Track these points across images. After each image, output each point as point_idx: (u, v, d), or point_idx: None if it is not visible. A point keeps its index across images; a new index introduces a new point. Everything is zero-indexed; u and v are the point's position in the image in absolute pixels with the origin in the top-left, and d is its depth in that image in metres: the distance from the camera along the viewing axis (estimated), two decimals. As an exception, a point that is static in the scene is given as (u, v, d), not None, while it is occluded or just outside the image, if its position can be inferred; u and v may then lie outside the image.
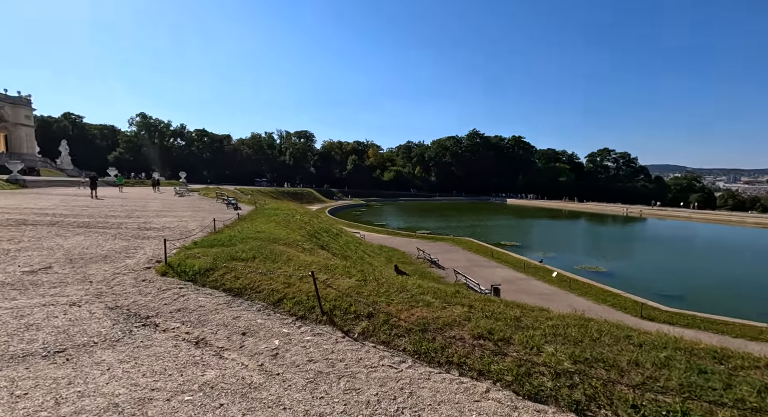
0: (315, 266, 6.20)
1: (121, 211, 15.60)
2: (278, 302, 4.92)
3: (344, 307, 4.51)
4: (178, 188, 33.85)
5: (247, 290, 5.34)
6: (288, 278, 5.50)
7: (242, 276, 5.71)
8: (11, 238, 8.27)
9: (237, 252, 6.90)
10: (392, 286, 5.15)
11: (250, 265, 6.20)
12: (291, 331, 4.16)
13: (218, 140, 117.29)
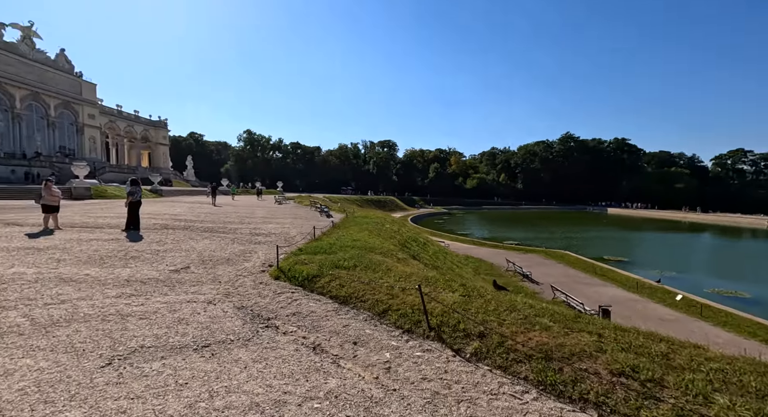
0: (415, 278, 6.16)
1: (234, 217, 17.71)
2: (383, 313, 4.97)
3: (451, 323, 4.35)
4: (278, 196, 37.32)
5: (353, 299, 5.51)
6: (390, 289, 5.55)
7: (346, 284, 5.93)
8: (159, 241, 9.89)
9: (339, 260, 7.23)
10: (500, 303, 4.84)
11: (352, 273, 6.42)
12: (400, 345, 4.14)
13: (310, 152, 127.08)
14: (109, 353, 3.50)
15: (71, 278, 5.97)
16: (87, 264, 6.96)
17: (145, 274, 6.55)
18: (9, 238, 8.99)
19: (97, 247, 8.49)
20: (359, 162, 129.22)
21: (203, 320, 4.54)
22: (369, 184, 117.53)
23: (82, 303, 4.86)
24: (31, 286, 5.44)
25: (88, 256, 7.54)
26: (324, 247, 8.73)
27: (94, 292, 5.36)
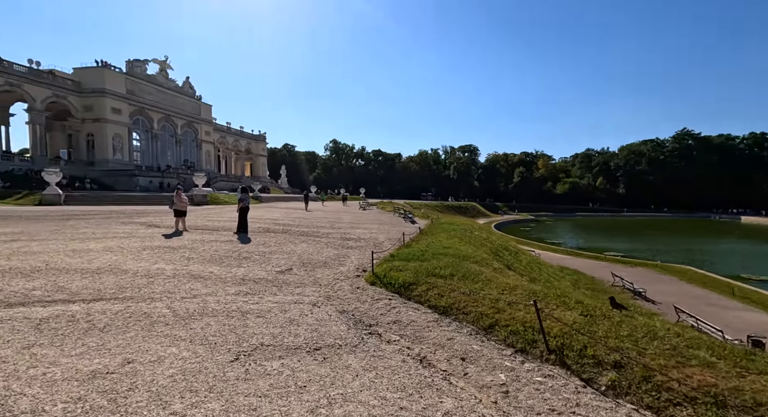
0: (521, 291, 5.65)
1: (325, 222, 18.72)
2: (490, 328, 4.60)
3: (576, 347, 3.81)
4: (362, 202, 38.68)
5: (453, 310, 5.24)
6: (495, 303, 5.14)
7: (445, 294, 5.68)
8: (264, 243, 10.82)
9: (434, 268, 7.02)
10: (635, 328, 4.12)
11: (450, 283, 6.15)
12: (515, 366, 3.74)
13: (390, 159, 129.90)
14: (236, 348, 3.77)
15: (199, 275, 6.75)
16: (210, 263, 7.86)
17: (257, 274, 7.13)
18: (151, 238, 10.66)
19: (216, 247, 9.58)
20: (439, 167, 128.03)
21: (311, 322, 4.70)
22: (449, 190, 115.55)
23: (210, 298, 5.41)
24: (170, 280, 6.27)
25: (210, 256, 8.52)
26: (416, 254, 8.61)
27: (217, 289, 5.96)
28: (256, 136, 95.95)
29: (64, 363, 3.23)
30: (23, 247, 8.43)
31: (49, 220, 14.49)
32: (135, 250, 8.63)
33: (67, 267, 6.67)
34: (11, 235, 10.24)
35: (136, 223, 14.90)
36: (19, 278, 5.77)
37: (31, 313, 4.36)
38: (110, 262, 7.25)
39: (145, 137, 61.99)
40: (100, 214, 18.55)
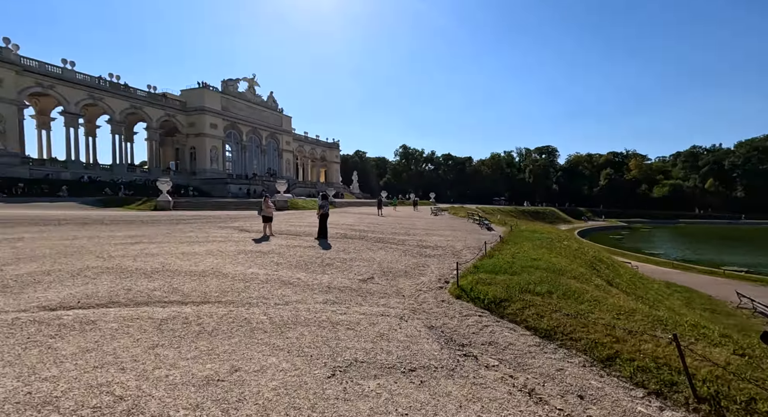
0: (640, 317, 4.84)
1: (399, 228, 18.70)
2: (608, 361, 3.96)
3: (739, 398, 3.05)
4: (433, 208, 38.14)
5: (558, 334, 4.65)
6: (610, 329, 4.45)
7: (546, 315, 5.09)
8: (344, 249, 11.05)
9: (527, 283, 6.42)
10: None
11: (548, 301, 5.53)
12: (653, 414, 3.11)
13: (461, 162, 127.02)
14: (331, 363, 3.72)
15: (288, 281, 7.03)
16: (296, 268, 8.18)
17: (341, 282, 7.20)
18: (244, 243, 11.54)
19: (301, 253, 10.00)
20: (513, 171, 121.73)
21: (401, 338, 4.51)
22: (524, 194, 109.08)
23: (300, 307, 5.54)
24: (264, 286, 6.61)
25: (296, 261, 8.89)
26: (503, 266, 8.01)
27: (306, 297, 6.11)
28: (330, 144, 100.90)
29: (182, 366, 3.44)
30: (144, 249, 9.65)
31: (162, 224, 16.58)
32: (232, 254, 9.36)
33: (178, 269, 7.42)
34: (135, 237, 11.85)
35: (230, 227, 16.36)
36: (143, 279, 6.54)
37: (154, 313, 4.84)
38: (212, 266, 7.91)
39: (235, 148, 68.81)
40: (201, 218, 20.81)
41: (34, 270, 6.85)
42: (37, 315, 4.57)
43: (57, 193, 38.66)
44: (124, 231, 13.56)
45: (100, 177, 48.00)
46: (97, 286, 5.92)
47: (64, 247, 9.50)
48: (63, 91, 46.19)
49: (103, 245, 10.12)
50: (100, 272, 6.87)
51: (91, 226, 15.03)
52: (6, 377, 3.06)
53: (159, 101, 57.51)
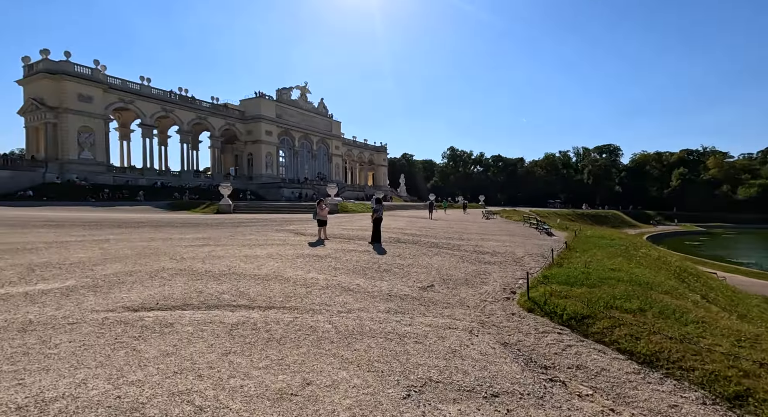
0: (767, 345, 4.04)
1: (452, 232, 18.15)
2: (737, 399, 3.30)
3: None
4: (485, 211, 36.86)
5: (662, 361, 4.02)
6: (733, 360, 3.74)
7: (642, 337, 4.45)
8: (399, 255, 10.84)
9: (611, 298, 5.73)
10: None
11: (642, 320, 4.85)
12: (813, 476, 2.48)
13: (512, 164, 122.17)
14: (404, 381, 3.47)
15: (348, 288, 6.93)
16: (355, 274, 8.09)
17: (401, 290, 6.97)
18: (301, 246, 11.76)
19: (357, 258, 9.93)
20: (569, 171, 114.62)
21: (476, 356, 4.15)
22: (582, 196, 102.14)
23: (363, 315, 5.38)
24: (324, 292, 6.56)
25: (353, 267, 8.82)
26: (577, 277, 7.30)
27: (368, 305, 5.94)
28: (377, 148, 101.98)
29: (255, 376, 3.39)
30: (212, 251, 10.14)
31: (225, 227, 17.53)
32: (291, 258, 9.53)
33: (243, 272, 7.64)
34: (202, 240, 12.56)
35: (286, 230, 16.88)
36: (213, 281, 6.78)
37: (224, 317, 4.93)
38: (274, 269, 8.06)
39: (288, 154, 71.87)
40: (259, 221, 21.78)
41: (119, 270, 7.40)
42: (122, 315, 4.83)
43: (135, 198, 42.81)
44: (192, 233, 14.48)
45: (170, 182, 52.46)
46: (172, 288, 6.21)
47: (143, 249, 10.26)
48: (141, 105, 51.23)
49: (175, 247, 10.80)
50: (174, 274, 7.26)
51: (164, 228, 16.26)
52: (99, 379, 3.17)
53: (221, 111, 61.77)
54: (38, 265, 7.73)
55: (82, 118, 44.75)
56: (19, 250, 9.50)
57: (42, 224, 15.91)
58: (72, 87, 43.90)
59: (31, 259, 8.28)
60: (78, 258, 8.62)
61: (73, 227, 15.26)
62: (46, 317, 4.66)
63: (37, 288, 5.99)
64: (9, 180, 38.20)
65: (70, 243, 10.97)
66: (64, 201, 36.37)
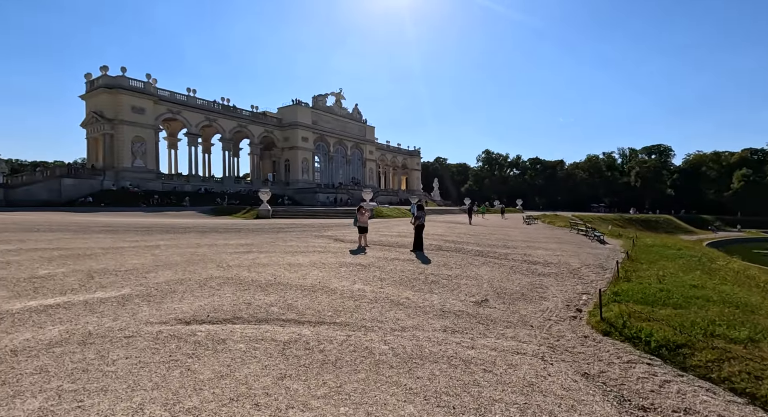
0: None
1: (495, 240, 17.35)
2: None
3: None
4: (525, 216, 35.32)
5: (795, 410, 3.30)
6: None
7: (764, 376, 3.72)
8: (444, 264, 10.35)
9: (707, 323, 4.96)
10: None
11: (758, 353, 4.09)
12: None
13: (551, 166, 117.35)
14: (483, 422, 3.03)
15: (397, 301, 6.56)
16: (401, 285, 7.71)
17: (453, 305, 6.50)
18: (342, 254, 11.56)
19: (402, 267, 9.56)
20: (614, 174, 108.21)
21: (558, 391, 3.63)
22: (628, 200, 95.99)
23: (420, 335, 4.98)
24: (374, 305, 6.23)
25: (399, 277, 8.45)
26: (655, 294, 6.50)
27: (421, 322, 5.54)
28: (411, 152, 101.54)
29: (315, 408, 3.08)
30: (255, 258, 10.15)
31: (265, 233, 17.77)
32: (334, 267, 9.32)
33: (289, 282, 7.49)
34: (245, 246, 12.70)
35: (325, 236, 16.83)
36: (260, 292, 6.66)
37: (275, 333, 4.71)
38: (319, 279, 7.86)
39: (323, 159, 73.11)
40: (297, 227, 22.00)
41: (170, 278, 7.47)
42: (175, 328, 4.74)
43: (181, 203, 45.04)
44: (235, 239, 14.74)
45: (213, 188, 54.81)
46: (221, 299, 6.12)
47: (191, 255, 10.46)
48: (187, 115, 54.08)
49: (220, 254, 10.95)
50: (222, 283, 7.22)
51: (209, 234, 16.71)
52: (155, 404, 3.00)
53: (260, 119, 63.97)
54: (96, 272, 8.00)
55: (135, 128, 47.86)
56: (80, 256, 9.96)
57: (100, 229, 16.85)
58: (127, 100, 47.11)
59: (90, 266, 8.61)
60: (132, 264, 8.87)
61: (127, 233, 16.02)
62: (104, 329, 4.65)
63: (95, 296, 6.10)
64: (72, 187, 41.46)
65: (124, 249, 11.42)
66: (119, 206, 38.91)
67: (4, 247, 11.11)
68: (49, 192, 40.01)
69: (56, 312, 5.28)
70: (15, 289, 6.52)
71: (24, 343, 4.15)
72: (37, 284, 6.82)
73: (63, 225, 18.49)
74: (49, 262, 9.05)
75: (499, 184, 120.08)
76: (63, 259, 9.47)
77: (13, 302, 5.68)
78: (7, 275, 7.46)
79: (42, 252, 10.38)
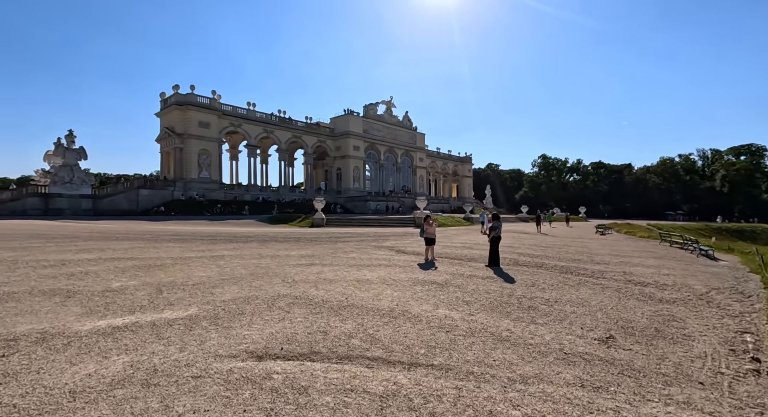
0: None
1: (576, 252, 15.33)
2: None
3: None
4: (598, 226, 31.96)
5: None
6: None
7: None
8: (532, 283, 8.90)
9: None
10: None
11: None
12: None
13: (617, 171, 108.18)
14: None
15: (498, 334, 5.35)
16: (494, 312, 6.47)
17: (572, 342, 5.15)
18: (411, 269, 10.52)
19: (485, 287, 8.30)
20: (694, 178, 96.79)
21: None
22: (713, 207, 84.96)
23: (551, 390, 3.74)
24: (472, 340, 5.08)
25: (485, 299, 7.22)
26: None
27: (542, 368, 4.28)
28: (462, 158, 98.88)
29: None
30: (320, 273, 9.46)
31: (324, 243, 17.31)
32: (407, 284, 8.31)
33: (362, 304, 6.59)
34: (307, 258, 12.16)
35: (385, 247, 15.95)
36: (334, 317, 5.81)
37: (365, 381, 3.74)
38: (395, 301, 6.88)
39: (374, 167, 73.26)
40: (353, 236, 21.42)
41: (236, 296, 6.92)
42: (248, 366, 3.96)
43: (241, 212, 47.06)
44: (296, 250, 14.34)
45: (270, 197, 56.90)
46: (294, 325, 5.34)
47: (254, 268, 10.05)
48: (247, 127, 56.93)
49: (283, 266, 10.44)
50: (291, 303, 6.50)
51: (269, 243, 16.58)
52: None
53: (313, 130, 65.73)
54: (165, 285, 7.71)
55: (201, 142, 51.19)
56: (151, 266, 9.93)
57: (170, 238, 17.43)
58: (195, 115, 50.61)
59: (160, 278, 8.40)
60: (199, 277, 8.54)
61: (194, 241, 16.36)
62: (170, 363, 4.00)
63: (163, 316, 5.62)
64: (147, 197, 45.03)
65: (191, 259, 11.35)
66: (187, 215, 41.45)
67: (87, 256, 11.52)
68: (128, 202, 43.77)
69: (123, 336, 4.80)
70: (88, 304, 6.28)
71: (85, 380, 3.58)
72: (109, 299, 6.57)
73: (138, 234, 19.51)
74: (122, 272, 9.03)
75: (558, 190, 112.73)
76: (135, 269, 9.44)
77: (83, 321, 5.34)
78: (84, 288, 7.36)
79: (117, 262, 10.54)
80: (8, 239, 15.35)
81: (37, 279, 8.10)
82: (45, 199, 38.76)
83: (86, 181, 41.92)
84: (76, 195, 40.10)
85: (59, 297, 6.68)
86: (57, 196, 38.95)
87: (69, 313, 5.71)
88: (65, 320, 5.38)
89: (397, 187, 75.31)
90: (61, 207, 38.56)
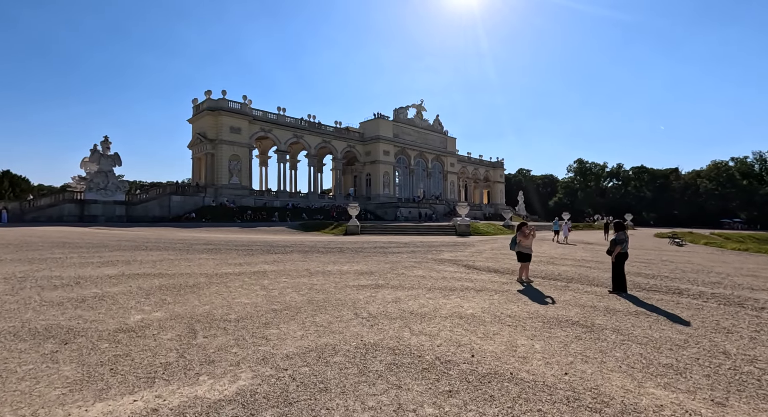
0: None
1: (692, 270, 12.25)
2: None
3: None
4: (672, 236, 28.16)
5: None
6: None
7: None
8: (701, 321, 6.16)
9: None
10: None
11: None
12: None
13: (662, 176, 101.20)
14: None
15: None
16: (739, 394, 3.85)
17: None
18: (512, 295, 7.99)
19: (657, 333, 5.63)
20: (752, 183, 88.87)
21: None
22: (776, 214, 77.30)
23: None
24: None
25: (674, 357, 4.59)
26: None
27: None
28: (493, 164, 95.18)
29: None
30: (397, 301, 7.11)
31: (373, 255, 15.00)
32: (537, 326, 5.79)
33: (509, 371, 4.17)
34: (366, 276, 9.87)
35: (446, 261, 13.48)
36: (483, 403, 3.37)
37: None
38: (553, 364, 4.39)
39: (403, 173, 70.94)
40: (400, 246, 19.02)
41: (303, 345, 4.65)
42: None
43: (271, 218, 45.71)
44: (345, 264, 12.12)
45: (299, 204, 55.56)
46: None
47: (308, 291, 7.83)
48: (277, 133, 56.06)
49: (344, 288, 8.19)
50: (391, 364, 4.15)
51: (311, 255, 14.45)
52: None
53: (343, 135, 64.29)
54: (200, 320, 5.56)
55: (232, 147, 50.54)
56: (182, 287, 7.90)
57: (202, 248, 15.64)
58: (226, 120, 50.08)
59: (193, 307, 6.29)
60: (242, 307, 6.38)
61: (228, 252, 14.47)
62: None
63: (197, 393, 3.38)
64: (179, 204, 44.48)
65: (229, 276, 9.29)
66: (218, 222, 40.42)
67: (109, 271, 9.69)
68: (161, 208, 43.30)
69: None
70: (89, 360, 4.15)
71: None
72: (120, 350, 4.43)
73: (169, 242, 17.90)
74: (146, 296, 7.01)
75: (596, 196, 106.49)
76: (163, 292, 7.41)
77: (69, 407, 3.16)
78: (91, 325, 5.30)
79: (142, 280, 8.59)
80: (32, 249, 13.94)
81: (38, 307, 6.16)
82: (80, 206, 38.68)
83: (120, 187, 41.76)
84: (110, 201, 39.90)
85: (52, 343, 4.62)
86: (92, 202, 38.81)
87: (53, 385, 3.57)
88: (41, 403, 3.22)
89: (427, 193, 72.60)
90: (96, 213, 38.34)
